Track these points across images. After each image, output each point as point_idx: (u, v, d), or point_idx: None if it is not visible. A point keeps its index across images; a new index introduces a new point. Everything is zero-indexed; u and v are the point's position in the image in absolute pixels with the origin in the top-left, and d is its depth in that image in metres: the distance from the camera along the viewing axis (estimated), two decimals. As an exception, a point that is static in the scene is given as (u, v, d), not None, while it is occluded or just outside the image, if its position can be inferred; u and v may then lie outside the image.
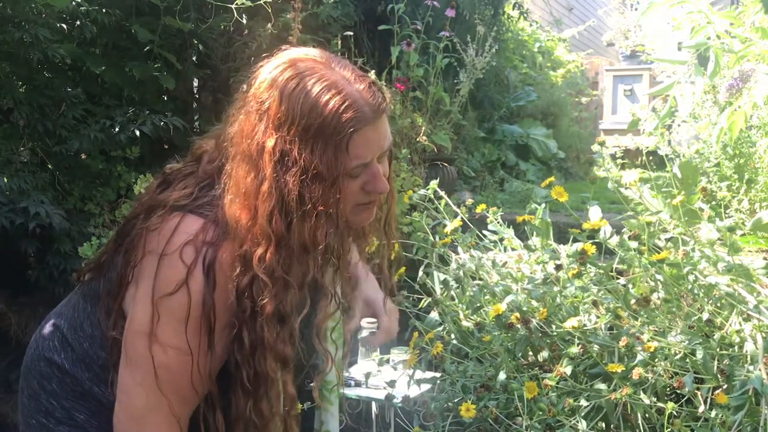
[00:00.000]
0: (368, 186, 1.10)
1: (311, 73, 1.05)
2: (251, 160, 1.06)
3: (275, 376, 1.10)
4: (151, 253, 1.09)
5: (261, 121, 1.05)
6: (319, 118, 1.03)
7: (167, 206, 1.11)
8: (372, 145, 1.08)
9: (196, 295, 1.06)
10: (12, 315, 2.61)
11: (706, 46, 1.51)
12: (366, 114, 1.05)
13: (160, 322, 1.07)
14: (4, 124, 2.69)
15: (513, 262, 1.51)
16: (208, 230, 1.08)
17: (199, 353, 1.08)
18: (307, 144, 1.03)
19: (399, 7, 3.74)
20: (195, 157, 1.21)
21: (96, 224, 2.73)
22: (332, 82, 1.05)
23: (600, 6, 10.29)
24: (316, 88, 1.04)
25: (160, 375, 1.07)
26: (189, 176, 1.17)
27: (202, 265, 1.06)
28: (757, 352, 1.13)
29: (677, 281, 1.26)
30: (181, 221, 1.09)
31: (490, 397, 1.28)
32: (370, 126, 1.06)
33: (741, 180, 2.58)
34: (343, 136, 1.03)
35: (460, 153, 4.41)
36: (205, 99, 3.38)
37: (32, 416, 1.22)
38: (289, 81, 1.05)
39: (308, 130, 1.03)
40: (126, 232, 1.18)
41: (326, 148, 1.03)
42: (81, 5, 2.69)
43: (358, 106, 1.04)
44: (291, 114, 1.03)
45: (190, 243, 1.06)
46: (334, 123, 1.03)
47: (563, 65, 7.09)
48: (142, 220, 1.14)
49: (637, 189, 1.44)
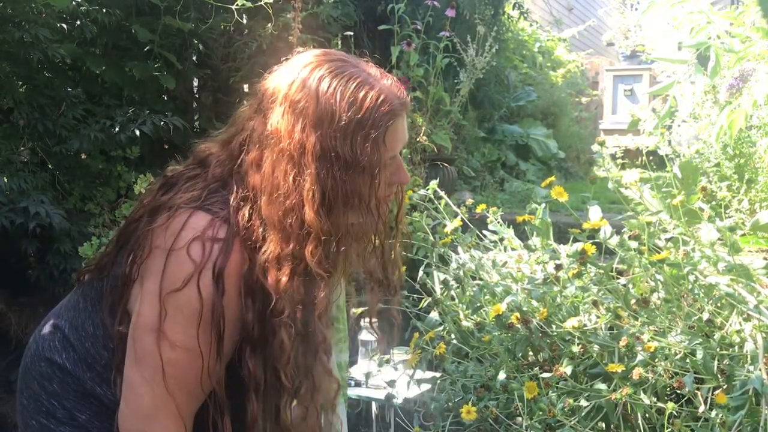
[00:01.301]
0: (394, 177, 1.16)
1: (342, 72, 1.09)
2: (291, 159, 1.07)
3: (327, 368, 1.14)
4: (158, 248, 1.09)
5: (298, 121, 1.07)
6: (359, 113, 1.06)
7: (174, 207, 1.11)
8: (402, 136, 1.14)
9: (207, 297, 1.06)
10: (12, 315, 2.61)
11: (706, 45, 1.51)
12: (397, 107, 1.10)
13: (167, 318, 1.06)
14: (4, 124, 2.69)
15: (513, 262, 1.51)
16: (216, 227, 1.08)
17: (209, 350, 1.08)
18: (347, 139, 1.06)
19: (399, 7, 3.74)
20: (199, 161, 1.20)
21: (96, 224, 2.73)
22: (364, 79, 1.09)
23: (600, 6, 10.29)
24: (351, 85, 1.07)
25: (167, 371, 1.07)
26: (195, 179, 1.17)
27: (212, 269, 1.06)
28: (757, 352, 1.13)
29: (677, 281, 1.26)
30: (189, 217, 1.09)
31: (490, 397, 1.28)
32: (401, 119, 1.12)
33: (741, 180, 2.58)
34: (382, 129, 1.08)
35: (460, 153, 4.42)
36: (205, 99, 3.38)
37: (32, 417, 1.22)
38: (321, 80, 1.08)
39: (349, 125, 1.06)
40: (128, 234, 1.17)
41: (366, 142, 1.07)
42: (81, 5, 2.69)
43: (391, 100, 1.09)
44: (330, 111, 1.06)
45: (197, 239, 1.07)
46: (373, 117, 1.07)
47: (563, 65, 7.09)
48: (146, 222, 1.13)
49: (637, 189, 1.44)
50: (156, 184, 1.22)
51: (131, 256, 1.13)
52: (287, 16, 3.01)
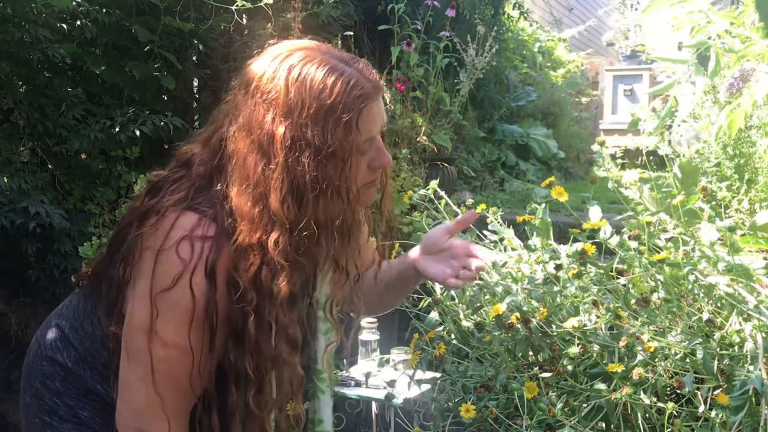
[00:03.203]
0: (374, 162, 1.16)
1: (311, 60, 1.10)
2: (261, 149, 1.09)
3: (288, 358, 1.12)
4: (148, 249, 1.10)
5: (268, 111, 1.09)
6: (329, 99, 1.07)
7: (162, 210, 1.12)
8: (377, 119, 1.14)
9: (199, 295, 1.07)
10: (12, 315, 2.61)
11: (706, 45, 1.50)
12: (370, 90, 1.11)
13: (158, 317, 1.07)
14: (4, 124, 2.69)
15: (513, 262, 1.51)
16: (204, 226, 1.09)
17: (201, 346, 1.09)
18: (318, 126, 1.07)
19: (399, 7, 3.74)
20: (182, 163, 1.21)
21: (96, 224, 2.73)
22: (333, 66, 1.10)
23: (600, 6, 10.30)
24: (320, 72, 1.08)
25: (161, 369, 1.08)
26: (180, 180, 1.17)
27: (204, 266, 1.07)
28: (757, 352, 1.13)
29: (677, 281, 1.26)
30: (177, 218, 1.10)
31: (490, 397, 1.28)
32: (374, 101, 1.13)
33: (741, 180, 2.58)
34: (354, 112, 1.09)
35: (460, 153, 4.42)
36: (206, 99, 3.38)
37: (35, 415, 1.23)
38: (291, 69, 1.09)
39: (319, 111, 1.07)
40: (119, 240, 1.18)
41: (338, 126, 1.08)
42: (81, 5, 2.69)
43: (362, 83, 1.10)
44: (300, 99, 1.07)
45: (186, 238, 1.08)
46: (344, 101, 1.08)
47: (563, 65, 7.10)
48: (135, 227, 1.14)
49: (637, 189, 1.44)
50: (142, 189, 1.22)
51: (123, 262, 1.13)
52: (287, 17, 3.02)
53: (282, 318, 1.10)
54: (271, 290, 1.08)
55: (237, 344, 1.10)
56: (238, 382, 1.12)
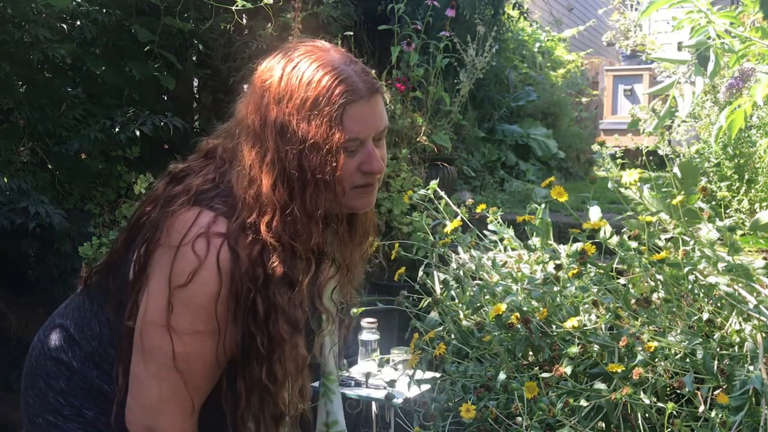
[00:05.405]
0: (364, 166, 1.16)
1: (309, 55, 1.15)
2: (255, 134, 1.14)
3: (288, 338, 1.15)
4: (164, 245, 1.12)
5: (263, 98, 1.14)
6: (314, 91, 1.11)
7: (191, 192, 1.15)
8: (367, 120, 1.14)
9: (225, 271, 1.09)
10: (12, 315, 2.61)
11: (706, 45, 1.50)
12: (359, 89, 1.13)
13: (174, 312, 1.09)
14: (4, 124, 2.69)
15: (513, 262, 1.51)
16: (219, 223, 1.12)
17: (218, 338, 1.11)
18: (303, 116, 1.11)
19: (399, 7, 3.74)
20: (204, 153, 1.25)
21: (96, 224, 2.73)
22: (327, 62, 1.14)
23: (600, 6, 10.29)
24: (312, 66, 1.13)
25: (176, 366, 1.10)
26: (206, 168, 1.21)
27: (216, 259, 1.09)
28: (757, 352, 1.13)
29: (677, 281, 1.26)
30: (198, 215, 1.13)
31: (490, 397, 1.28)
32: (363, 101, 1.13)
33: (741, 180, 2.58)
34: (337, 107, 1.11)
35: (460, 153, 4.42)
36: (206, 99, 3.38)
37: (39, 415, 1.23)
38: (288, 62, 1.15)
39: (304, 103, 1.11)
40: (140, 225, 1.20)
41: (321, 120, 1.10)
42: (81, 5, 2.69)
43: (351, 81, 1.12)
44: (289, 89, 1.12)
45: (202, 235, 1.10)
46: (328, 95, 1.11)
47: (563, 65, 7.10)
48: (161, 209, 1.16)
49: (637, 189, 1.44)
50: (161, 181, 1.24)
51: (147, 242, 1.15)
52: (287, 17, 3.02)
53: (279, 299, 1.12)
54: (265, 269, 1.11)
55: (253, 317, 1.12)
56: (253, 357, 1.14)
